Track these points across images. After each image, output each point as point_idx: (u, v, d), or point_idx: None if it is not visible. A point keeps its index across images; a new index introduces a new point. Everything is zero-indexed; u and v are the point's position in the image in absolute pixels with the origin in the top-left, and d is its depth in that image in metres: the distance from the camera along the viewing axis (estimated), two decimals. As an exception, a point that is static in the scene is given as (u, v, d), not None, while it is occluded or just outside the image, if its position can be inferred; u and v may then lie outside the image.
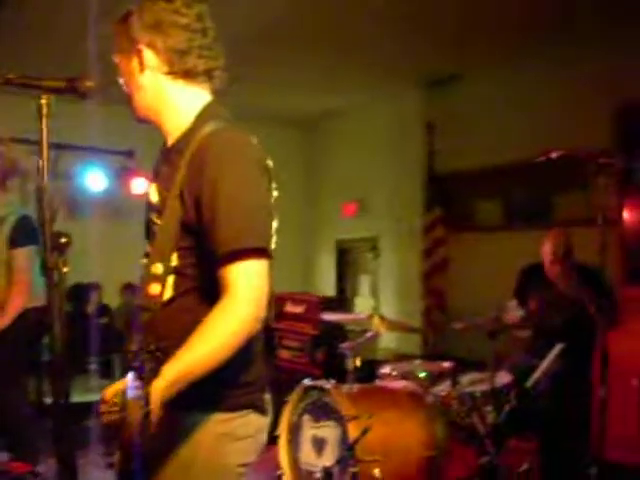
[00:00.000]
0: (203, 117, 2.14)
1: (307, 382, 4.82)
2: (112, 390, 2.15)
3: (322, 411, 4.64)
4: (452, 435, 4.59)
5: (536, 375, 4.92)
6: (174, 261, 2.05)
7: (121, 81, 2.24)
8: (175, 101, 2.17)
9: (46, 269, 1.98)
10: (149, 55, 2.12)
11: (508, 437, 4.69)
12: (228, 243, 1.95)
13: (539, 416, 5.07)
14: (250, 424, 2.15)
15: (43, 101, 1.97)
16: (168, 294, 2.06)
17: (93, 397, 7.63)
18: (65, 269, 2.36)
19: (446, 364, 5.17)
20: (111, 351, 8.79)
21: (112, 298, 9.67)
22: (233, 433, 2.11)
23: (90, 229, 8.18)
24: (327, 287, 11.11)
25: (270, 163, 2.16)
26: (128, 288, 9.76)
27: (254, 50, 7.65)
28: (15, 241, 4.79)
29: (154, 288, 2.06)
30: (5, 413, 4.99)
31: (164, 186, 2.11)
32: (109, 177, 8.35)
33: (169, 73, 2.14)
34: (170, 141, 2.20)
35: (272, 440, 5.26)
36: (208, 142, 2.02)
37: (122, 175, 8.47)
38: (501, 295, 5.72)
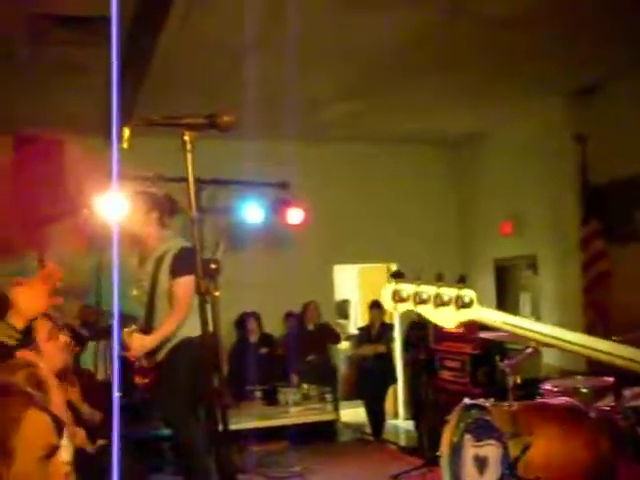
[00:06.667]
0: None
1: (467, 401, 4.81)
2: None
3: (483, 430, 4.61)
4: (617, 451, 4.46)
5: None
6: None
7: None
8: None
9: (198, 294, 2.11)
10: None
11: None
12: None
13: None
14: None
15: (186, 138, 2.08)
16: None
17: (256, 424, 7.89)
18: (217, 293, 2.50)
19: (609, 378, 5.03)
20: (274, 379, 8.96)
21: (273, 327, 9.78)
22: None
23: (250, 260, 8.43)
24: (488, 306, 10.94)
25: None
26: (290, 316, 9.91)
27: (396, 75, 7.76)
28: (175, 271, 5.07)
29: None
30: (181, 439, 5.21)
31: None
32: (266, 209, 8.59)
33: None
34: None
35: (435, 460, 5.27)
36: None
37: (278, 206, 8.70)
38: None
